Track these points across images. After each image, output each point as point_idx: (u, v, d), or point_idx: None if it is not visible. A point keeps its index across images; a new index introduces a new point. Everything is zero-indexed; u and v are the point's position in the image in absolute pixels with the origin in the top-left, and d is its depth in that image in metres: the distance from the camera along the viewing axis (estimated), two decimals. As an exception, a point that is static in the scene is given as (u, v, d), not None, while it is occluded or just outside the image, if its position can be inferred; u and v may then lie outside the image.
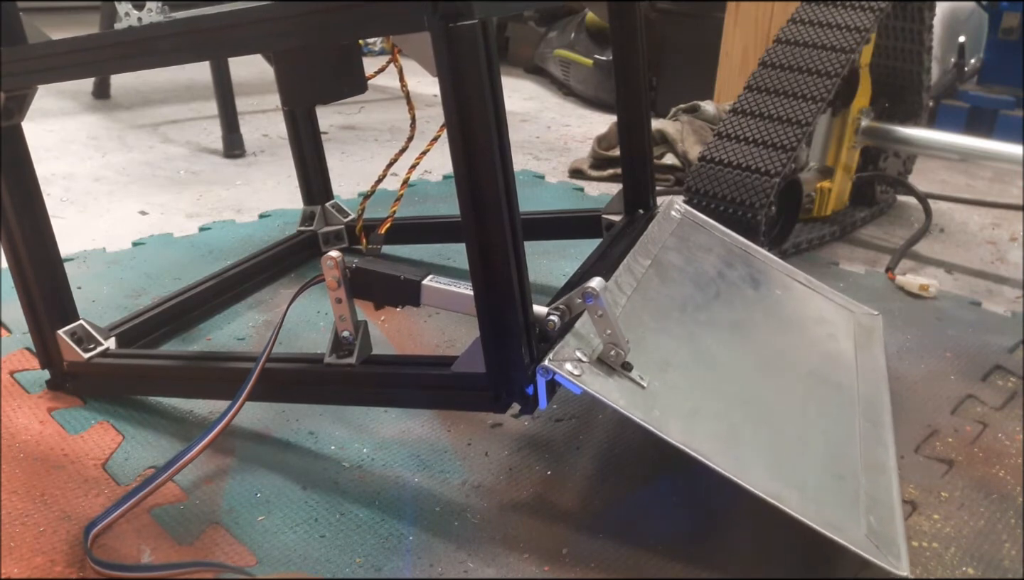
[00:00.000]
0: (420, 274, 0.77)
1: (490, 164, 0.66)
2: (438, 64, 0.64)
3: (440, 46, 0.63)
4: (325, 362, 0.79)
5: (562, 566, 0.69)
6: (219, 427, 0.76)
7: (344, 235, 1.32)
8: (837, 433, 0.79)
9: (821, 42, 1.36)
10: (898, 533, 0.68)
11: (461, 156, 0.66)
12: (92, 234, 1.37)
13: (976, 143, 1.43)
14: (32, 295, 0.88)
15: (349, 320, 0.77)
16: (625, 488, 0.79)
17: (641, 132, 1.07)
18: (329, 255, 0.75)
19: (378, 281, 0.77)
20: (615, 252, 0.95)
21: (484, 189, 0.66)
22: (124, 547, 0.69)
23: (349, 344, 0.78)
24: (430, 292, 0.76)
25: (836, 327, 0.98)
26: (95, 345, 0.90)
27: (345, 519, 0.74)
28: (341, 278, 0.75)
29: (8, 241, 0.86)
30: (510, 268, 0.68)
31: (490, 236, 0.67)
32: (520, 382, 0.71)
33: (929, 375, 1.01)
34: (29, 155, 0.86)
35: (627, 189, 1.11)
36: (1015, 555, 0.72)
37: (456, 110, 0.65)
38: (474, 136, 0.65)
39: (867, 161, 1.60)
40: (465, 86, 0.64)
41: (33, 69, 0.82)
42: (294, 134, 1.29)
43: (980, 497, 0.79)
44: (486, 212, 0.67)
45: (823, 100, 1.32)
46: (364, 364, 0.78)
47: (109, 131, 2.00)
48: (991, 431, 0.90)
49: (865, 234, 1.52)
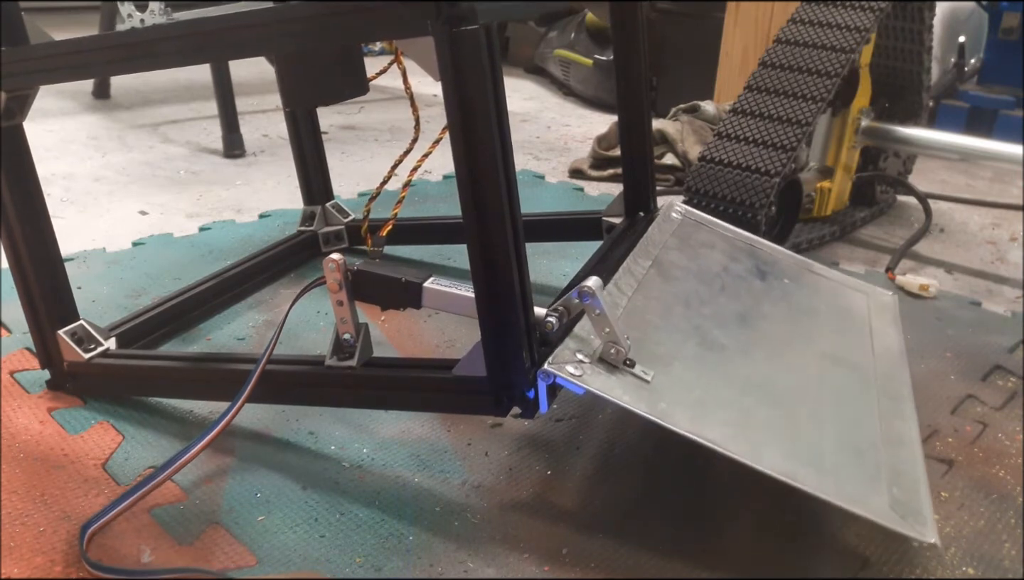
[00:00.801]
0: (422, 276, 0.77)
1: (492, 168, 0.65)
2: (441, 68, 0.64)
3: (444, 51, 0.63)
4: (326, 364, 0.79)
5: (562, 566, 0.69)
6: (217, 429, 0.76)
7: (344, 235, 1.32)
8: (854, 410, 0.78)
9: (821, 42, 1.36)
10: (923, 503, 0.67)
11: (463, 160, 0.66)
12: (92, 234, 1.37)
13: (976, 143, 1.43)
14: (33, 295, 0.88)
15: (350, 322, 0.77)
16: (625, 488, 0.79)
17: (642, 134, 1.07)
18: (331, 257, 0.75)
19: (380, 284, 0.77)
20: (616, 254, 0.95)
21: (486, 193, 0.66)
22: (124, 547, 0.69)
23: (350, 346, 0.78)
24: (432, 294, 0.76)
25: (850, 309, 0.97)
26: (95, 345, 0.90)
27: (345, 519, 0.74)
28: (343, 281, 0.75)
29: (9, 241, 0.86)
30: (512, 272, 0.68)
31: (492, 240, 0.67)
32: (521, 386, 0.71)
33: (929, 375, 1.01)
34: (30, 155, 0.86)
35: (627, 191, 1.11)
36: (1015, 555, 0.72)
37: (459, 115, 0.65)
38: (476, 141, 0.65)
39: (867, 161, 1.60)
40: (468, 91, 0.64)
41: (35, 69, 0.82)
42: (295, 134, 1.29)
43: (980, 497, 0.79)
44: (488, 216, 0.67)
45: (823, 100, 1.32)
46: (365, 367, 0.78)
47: (109, 131, 2.00)
48: (991, 431, 0.90)
49: (865, 234, 1.52)
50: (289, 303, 0.82)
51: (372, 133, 2.08)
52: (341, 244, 1.31)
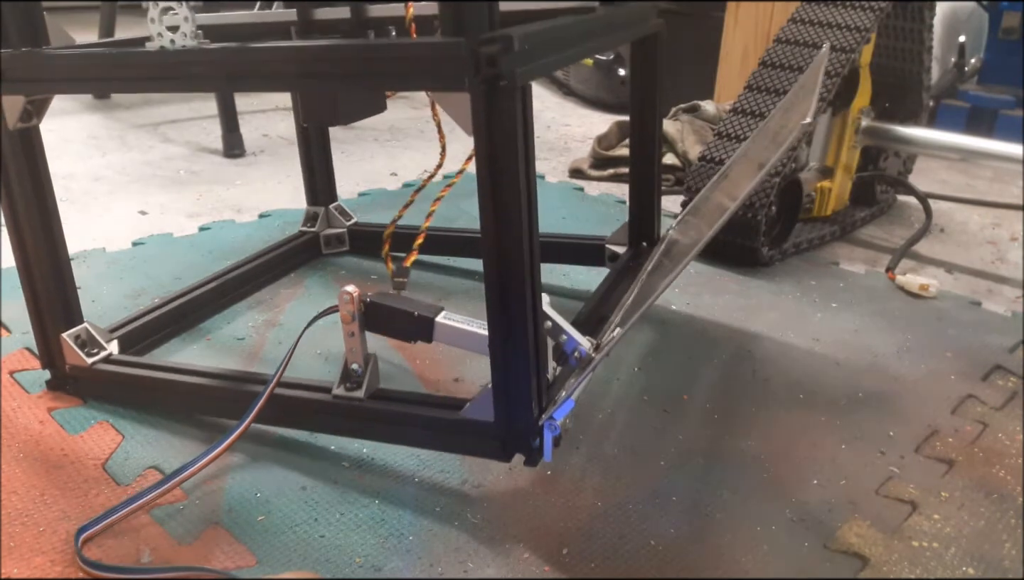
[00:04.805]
0: (434, 310, 0.78)
1: (517, 225, 0.66)
2: (475, 125, 0.64)
3: (479, 108, 0.63)
4: (333, 393, 0.79)
5: (562, 566, 0.69)
6: (214, 454, 0.77)
7: (346, 238, 1.32)
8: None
9: (821, 42, 1.36)
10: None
11: (490, 214, 0.66)
12: (92, 234, 1.37)
13: (976, 143, 1.43)
14: (38, 296, 0.88)
15: (360, 353, 0.78)
16: (625, 488, 0.79)
17: (651, 169, 1.08)
18: (345, 290, 0.75)
19: (392, 316, 0.78)
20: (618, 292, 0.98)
21: (510, 248, 0.66)
22: (124, 547, 0.69)
23: (358, 377, 0.78)
24: (444, 330, 0.77)
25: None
26: (98, 349, 0.90)
27: (345, 519, 0.74)
28: (356, 313, 0.76)
29: (18, 240, 0.86)
30: (527, 325, 0.69)
31: (512, 293, 0.68)
32: (528, 436, 0.72)
33: (929, 375, 1.01)
34: (45, 157, 0.85)
35: (633, 221, 1.12)
36: (1015, 555, 0.72)
37: (488, 170, 0.64)
38: (504, 197, 0.65)
39: (867, 161, 1.60)
40: (500, 148, 0.64)
41: (59, 78, 0.80)
42: (302, 134, 1.28)
43: (980, 497, 0.79)
44: (511, 272, 0.67)
45: (823, 100, 1.32)
46: (372, 399, 0.79)
47: (109, 131, 2.00)
48: (991, 431, 0.90)
49: (865, 234, 1.52)
50: (300, 332, 0.83)
51: (372, 133, 2.08)
52: (342, 247, 1.31)
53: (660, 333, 1.10)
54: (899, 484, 0.81)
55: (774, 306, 1.19)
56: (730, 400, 0.94)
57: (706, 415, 0.91)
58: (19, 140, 0.82)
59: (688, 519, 0.75)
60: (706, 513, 0.76)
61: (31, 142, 0.84)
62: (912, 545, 0.72)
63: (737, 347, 1.07)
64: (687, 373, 1.00)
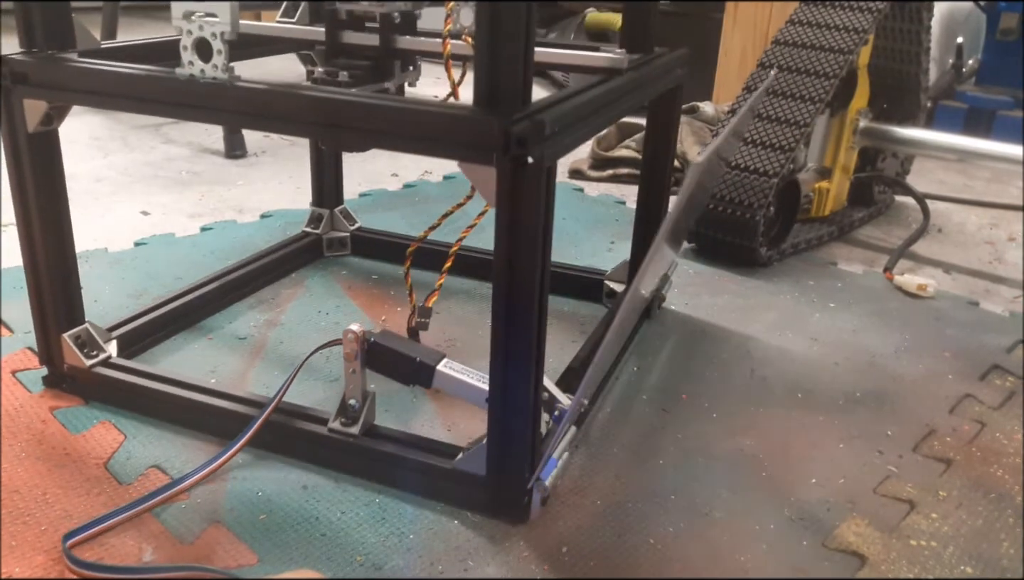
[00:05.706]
0: (435, 358, 0.78)
1: (530, 295, 0.66)
2: (498, 197, 0.64)
3: (504, 184, 0.63)
4: (329, 427, 0.79)
5: (562, 565, 0.69)
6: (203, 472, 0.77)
7: (348, 242, 1.32)
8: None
9: (819, 43, 1.37)
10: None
11: (504, 283, 0.66)
12: (94, 234, 1.37)
13: (974, 143, 1.43)
14: (43, 294, 0.88)
15: (359, 389, 0.78)
16: (624, 487, 0.79)
17: (657, 221, 1.09)
18: (349, 329, 0.76)
19: (393, 359, 0.78)
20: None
21: (519, 314, 0.67)
22: (126, 545, 0.70)
23: (355, 412, 0.79)
24: (443, 378, 0.77)
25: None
26: (97, 352, 0.90)
27: (345, 518, 0.74)
28: (359, 351, 0.76)
29: (27, 239, 0.86)
30: (529, 391, 0.70)
31: (516, 357, 0.69)
32: (518, 495, 0.73)
33: (927, 375, 1.01)
34: (61, 160, 0.85)
35: (633, 260, 1.12)
36: (1013, 554, 0.72)
37: (507, 242, 0.65)
38: (520, 267, 0.66)
39: (865, 161, 1.60)
40: (521, 221, 0.64)
41: (83, 89, 0.79)
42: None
43: (978, 496, 0.80)
44: (519, 339, 0.68)
45: (821, 101, 1.32)
46: (367, 436, 0.79)
47: (111, 131, 2.01)
48: (989, 430, 0.90)
49: (863, 234, 1.52)
50: (301, 362, 0.83)
51: (372, 134, 2.08)
52: (344, 250, 1.31)
53: (660, 333, 1.11)
54: (897, 483, 0.81)
55: (772, 306, 1.20)
56: (729, 400, 0.95)
57: (705, 414, 0.92)
58: (37, 143, 0.82)
59: (687, 518, 0.75)
60: (705, 512, 0.76)
61: (50, 145, 0.84)
62: (910, 544, 0.73)
63: (736, 347, 1.07)
64: (686, 373, 1.00)
